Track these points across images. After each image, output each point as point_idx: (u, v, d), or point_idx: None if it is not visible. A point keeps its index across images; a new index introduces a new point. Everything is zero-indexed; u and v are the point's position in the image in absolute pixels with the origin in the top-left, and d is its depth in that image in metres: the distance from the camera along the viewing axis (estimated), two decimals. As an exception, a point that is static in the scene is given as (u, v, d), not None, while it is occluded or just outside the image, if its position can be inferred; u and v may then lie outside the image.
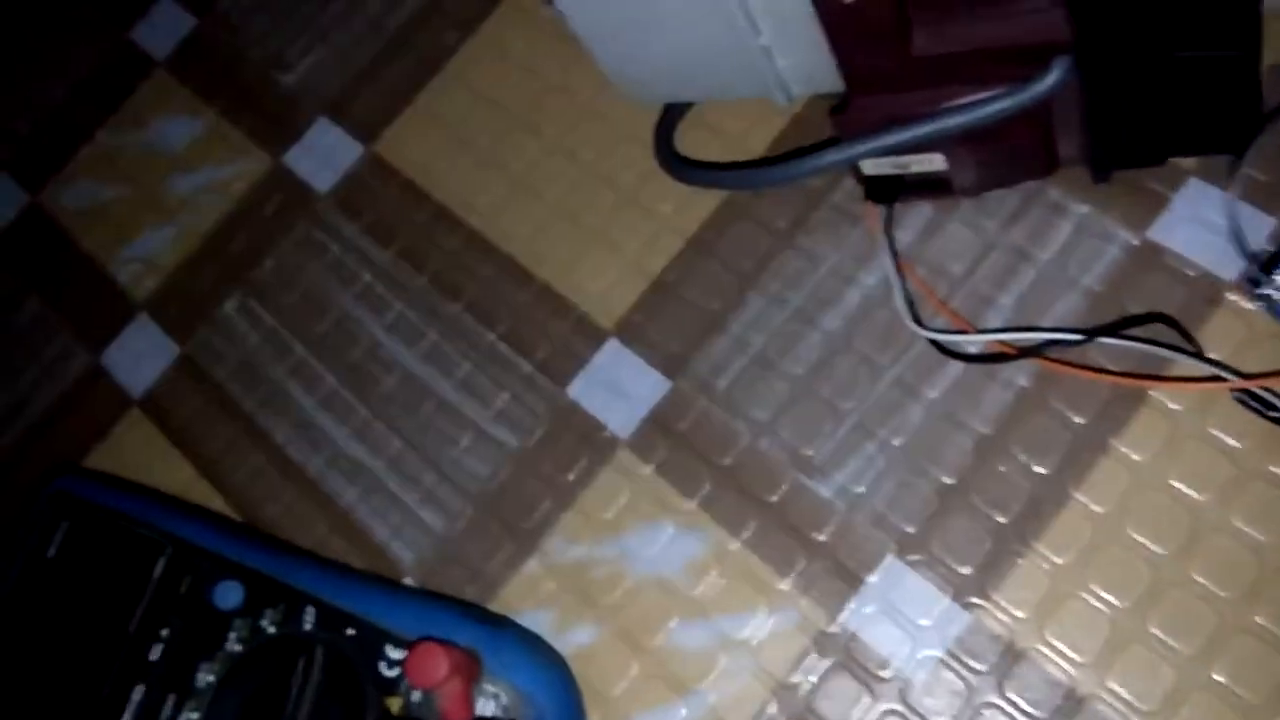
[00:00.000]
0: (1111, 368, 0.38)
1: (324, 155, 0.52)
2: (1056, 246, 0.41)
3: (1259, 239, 0.39)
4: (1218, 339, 0.38)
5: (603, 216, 0.47)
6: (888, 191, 0.42)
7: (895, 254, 0.41)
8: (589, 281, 0.46)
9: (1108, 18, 0.31)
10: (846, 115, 0.38)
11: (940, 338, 0.39)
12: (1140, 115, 0.36)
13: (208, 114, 0.55)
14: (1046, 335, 0.37)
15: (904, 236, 0.43)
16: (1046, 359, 0.37)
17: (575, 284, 0.46)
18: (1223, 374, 0.35)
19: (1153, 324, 0.38)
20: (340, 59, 0.54)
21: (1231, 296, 0.38)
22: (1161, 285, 0.39)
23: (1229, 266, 0.39)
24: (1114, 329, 0.38)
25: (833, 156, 0.37)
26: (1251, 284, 0.38)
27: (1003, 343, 0.38)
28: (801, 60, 0.37)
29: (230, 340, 0.49)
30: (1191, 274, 0.39)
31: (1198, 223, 0.39)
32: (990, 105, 0.35)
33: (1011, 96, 0.35)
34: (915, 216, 0.43)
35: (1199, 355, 0.37)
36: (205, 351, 0.49)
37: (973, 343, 0.40)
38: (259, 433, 0.47)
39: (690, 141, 0.46)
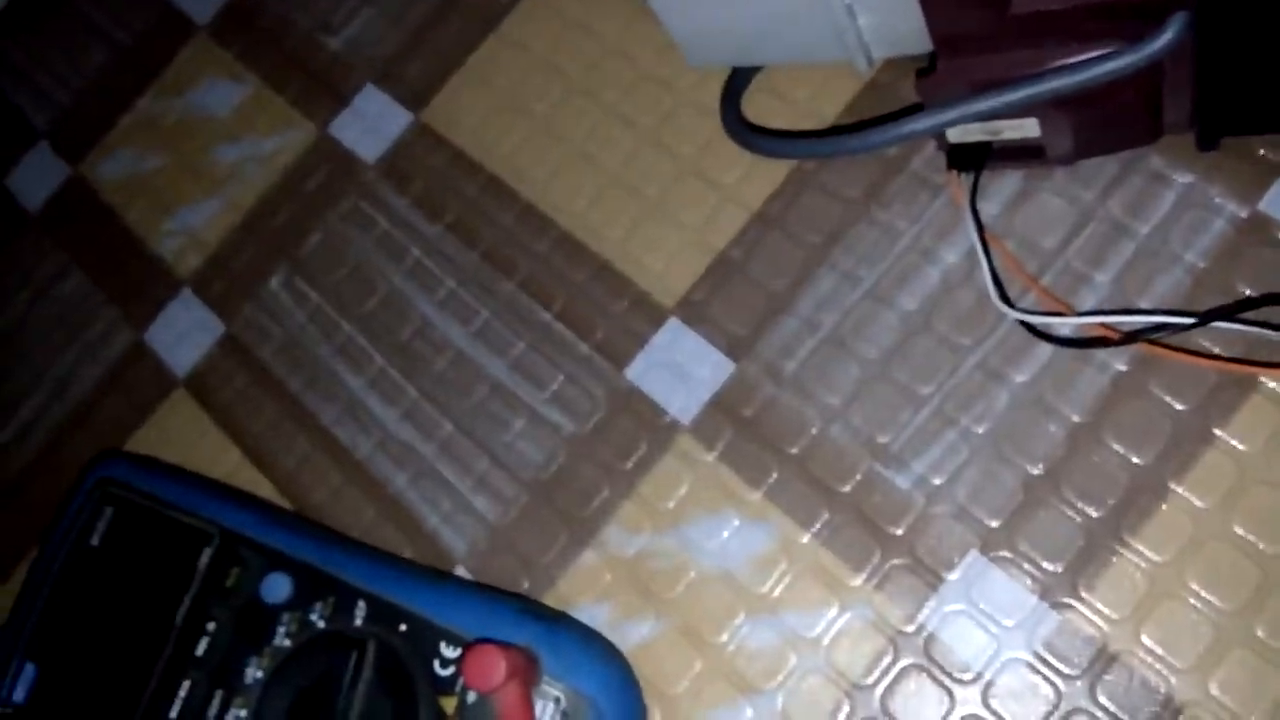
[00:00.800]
0: (1220, 353, 0.35)
1: (371, 123, 0.50)
2: (1158, 219, 0.38)
3: (1385, 211, 0.35)
4: (1339, 321, 0.35)
5: (663, 188, 0.44)
6: (973, 159, 0.39)
7: (980, 227, 0.38)
8: (648, 257, 0.43)
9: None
10: (934, 79, 0.35)
11: (1032, 319, 0.36)
12: (1259, 77, 0.33)
13: (251, 80, 0.53)
14: (1153, 318, 0.34)
15: (989, 208, 0.40)
16: (1152, 343, 0.34)
17: (634, 260, 0.43)
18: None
19: (1268, 306, 0.35)
20: (388, 21, 0.51)
21: (1354, 273, 0.35)
22: (1273, 262, 0.36)
23: (1351, 241, 0.35)
24: (1226, 312, 0.35)
25: (921, 123, 0.34)
26: (1378, 261, 0.35)
27: (1104, 325, 0.35)
28: (886, 19, 0.34)
29: (276, 318, 0.48)
30: (1309, 248, 0.36)
31: (1315, 193, 0.36)
32: (1097, 67, 0.32)
33: (1122, 57, 0.31)
34: (1002, 186, 0.40)
35: None
36: (250, 329, 0.48)
37: (1068, 325, 0.37)
38: (306, 414, 0.46)
39: (756, 108, 0.43)
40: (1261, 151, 0.37)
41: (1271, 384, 0.35)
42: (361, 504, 0.43)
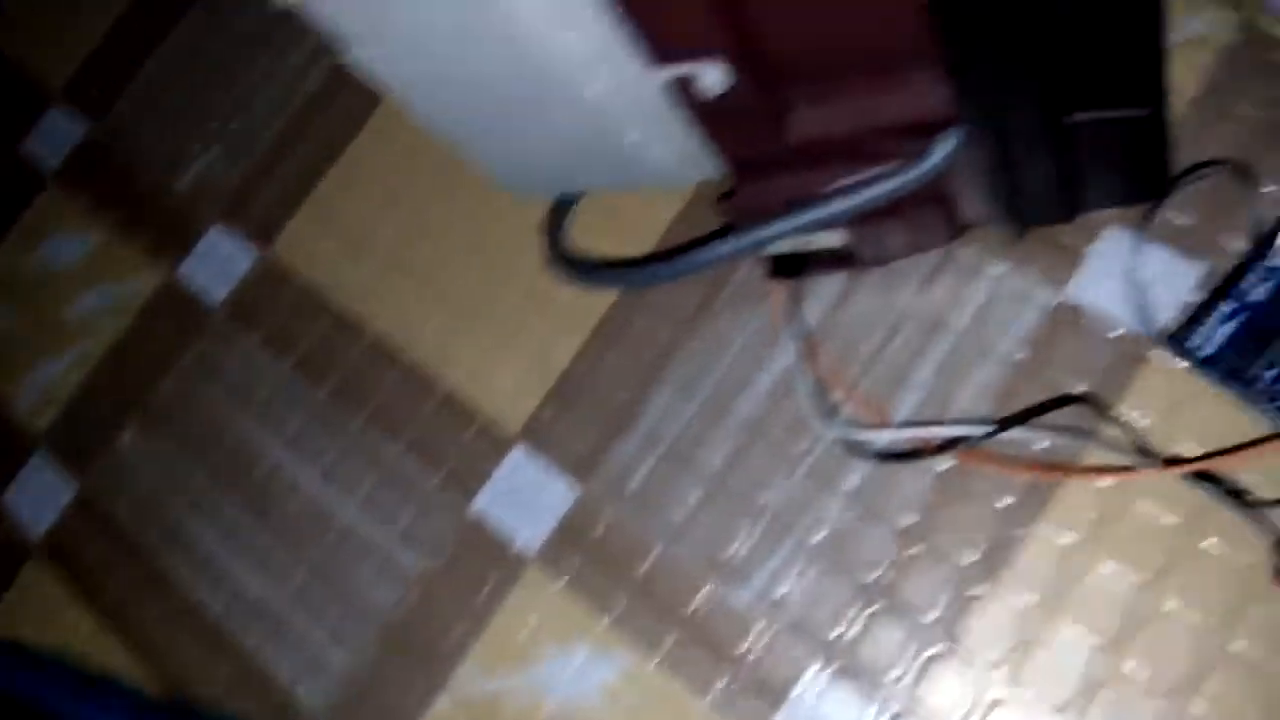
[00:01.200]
0: (1034, 448, 0.35)
1: (219, 264, 0.50)
2: (972, 312, 0.38)
3: (1183, 289, 0.36)
4: (1143, 403, 0.35)
5: (508, 312, 0.44)
6: (791, 268, 0.39)
7: (800, 339, 0.38)
8: (494, 382, 0.43)
9: (992, 88, 0.29)
10: (734, 201, 0.36)
11: (848, 435, 0.37)
12: (1043, 176, 0.33)
13: (101, 228, 0.53)
14: (954, 431, 0.35)
15: (814, 310, 0.40)
16: (962, 453, 0.35)
17: (481, 387, 0.43)
18: (1137, 462, 0.32)
19: (1070, 406, 0.35)
20: (234, 156, 0.52)
21: (1156, 354, 0.35)
22: (1083, 347, 0.36)
23: (1154, 320, 0.36)
24: (1029, 415, 0.35)
25: (716, 251, 0.35)
26: (1175, 341, 0.35)
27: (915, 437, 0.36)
28: (679, 150, 0.34)
29: (129, 474, 0.47)
30: (1113, 334, 0.36)
31: (1117, 277, 0.37)
32: (877, 187, 0.32)
33: (899, 176, 0.32)
34: (826, 288, 0.40)
35: (1110, 444, 0.34)
36: (104, 488, 0.47)
37: (883, 438, 0.37)
38: (160, 575, 0.45)
39: (586, 228, 0.43)
40: (1067, 239, 0.38)
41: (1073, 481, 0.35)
42: (216, 666, 0.43)
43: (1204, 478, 0.33)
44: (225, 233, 0.50)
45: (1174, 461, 0.33)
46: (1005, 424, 0.34)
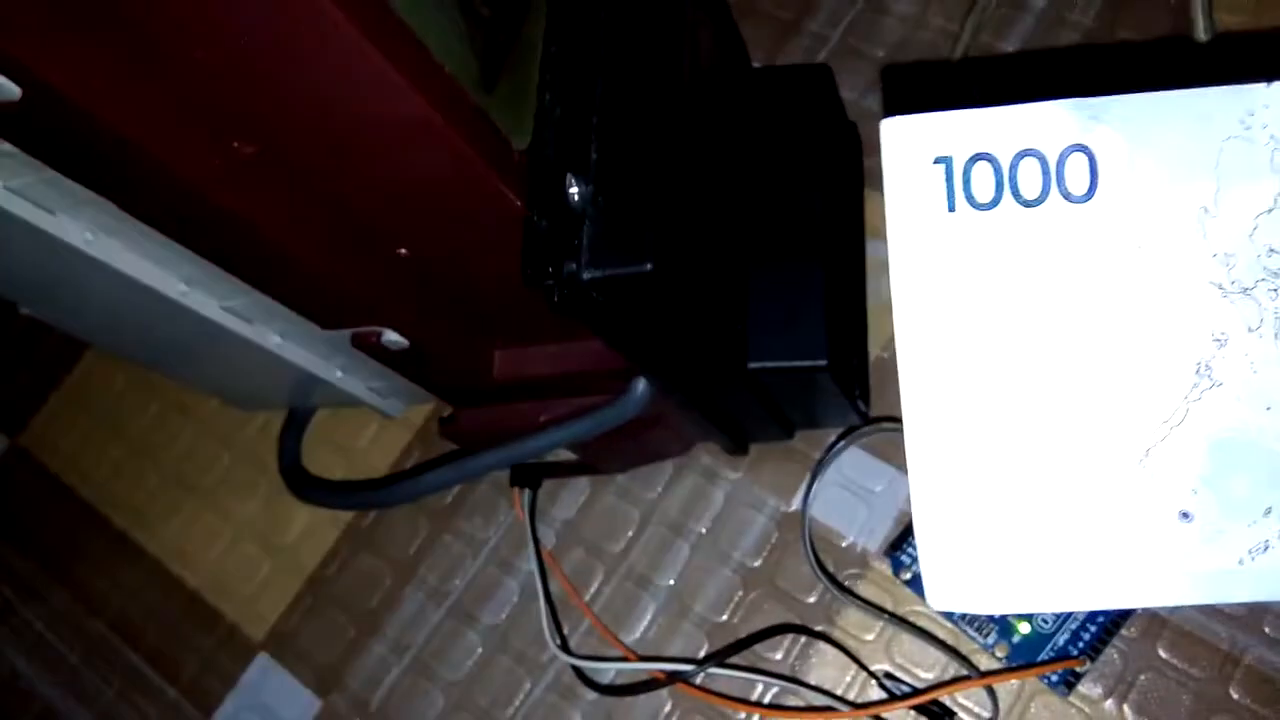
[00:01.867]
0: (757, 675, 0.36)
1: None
2: (710, 517, 0.39)
3: (899, 500, 0.37)
4: (861, 621, 0.36)
5: (257, 506, 0.43)
6: (529, 478, 0.40)
7: (539, 553, 0.38)
8: (241, 584, 0.42)
9: (659, 350, 0.30)
10: (454, 427, 0.36)
11: (582, 664, 0.37)
12: (743, 408, 0.35)
13: None
14: (670, 665, 0.35)
15: (562, 512, 0.40)
16: (686, 685, 0.35)
17: (226, 588, 0.42)
18: (835, 705, 0.33)
19: (781, 635, 0.36)
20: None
21: (877, 565, 0.37)
22: (795, 559, 0.37)
23: (874, 534, 0.37)
24: (742, 646, 0.36)
25: (434, 480, 0.35)
26: (890, 556, 0.36)
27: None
28: (391, 383, 0.35)
29: None
30: (840, 544, 0.37)
31: (840, 485, 0.38)
32: (586, 422, 0.33)
33: (600, 415, 0.33)
34: (572, 491, 0.41)
35: (812, 686, 0.35)
36: None
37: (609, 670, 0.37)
38: (-116, 790, 0.42)
39: (319, 460, 0.43)
40: (795, 448, 0.39)
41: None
42: None
43: (914, 707, 0.34)
44: (-25, 419, 0.48)
45: (874, 703, 0.34)
46: (706, 661, 0.35)
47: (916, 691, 0.34)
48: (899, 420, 0.24)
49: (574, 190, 0.25)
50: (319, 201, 0.24)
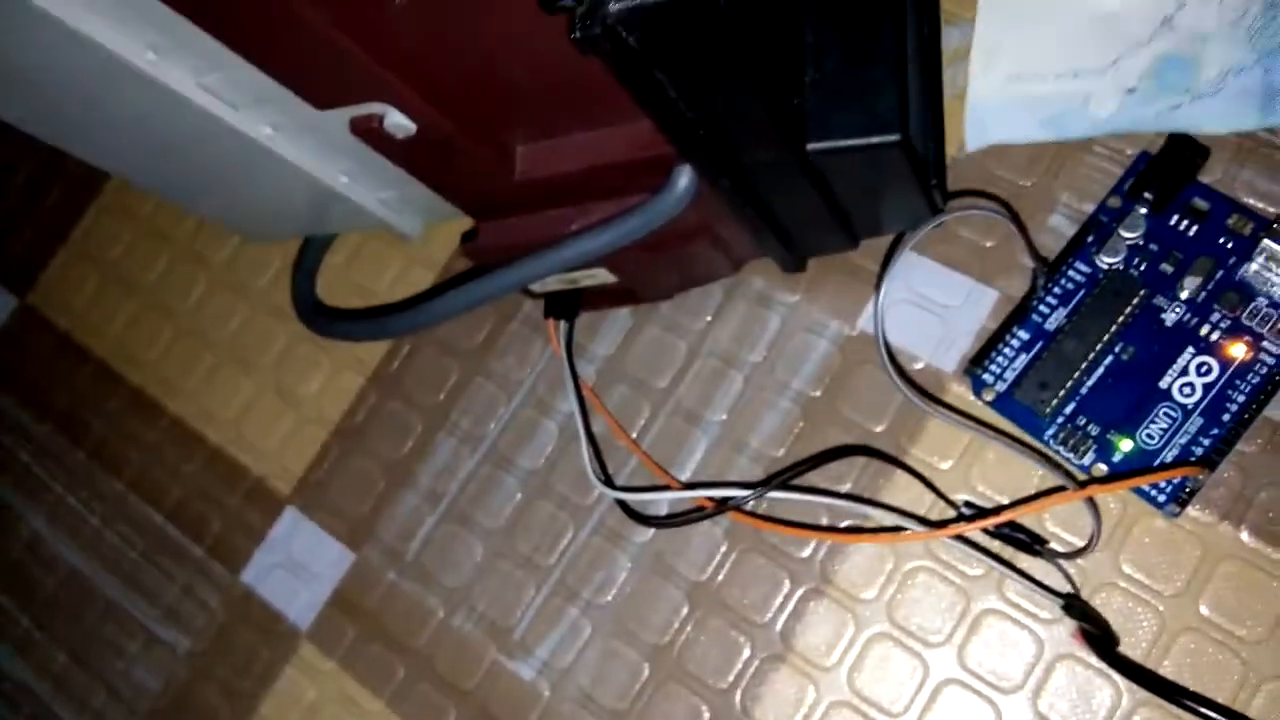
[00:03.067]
0: (822, 500, 0.32)
1: (-25, 315, 0.45)
2: (764, 346, 0.35)
3: (980, 316, 0.33)
4: (938, 445, 0.32)
5: (276, 358, 0.40)
6: (565, 308, 0.36)
7: (578, 385, 0.35)
8: (263, 438, 0.40)
9: (710, 130, 0.25)
10: (476, 244, 0.32)
11: (628, 498, 0.34)
12: (801, 206, 0.30)
13: None
14: (723, 491, 0.32)
15: (600, 348, 0.37)
16: (742, 513, 0.32)
17: (249, 443, 0.40)
18: (906, 524, 0.30)
19: (848, 458, 0.32)
20: (-11, 193, 0.47)
21: (954, 388, 0.33)
22: (879, 383, 0.34)
23: (950, 351, 0.33)
24: (803, 469, 0.32)
25: (452, 303, 0.31)
26: (970, 374, 0.32)
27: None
28: (404, 193, 0.31)
29: (-122, 548, 0.43)
30: (914, 365, 0.34)
31: (912, 302, 0.34)
32: (619, 226, 0.29)
33: (637, 214, 0.29)
34: (612, 323, 0.37)
35: (885, 505, 0.32)
36: None
37: (664, 501, 0.34)
38: (-86, 658, 0.41)
39: (357, 275, 0.40)
40: (856, 264, 0.35)
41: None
42: (-28, 761, 0.39)
43: (997, 530, 0.30)
44: (-18, 278, 0.46)
45: (953, 521, 0.30)
46: (767, 484, 0.31)
47: (1000, 509, 0.30)
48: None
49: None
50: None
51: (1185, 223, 0.31)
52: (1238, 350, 0.30)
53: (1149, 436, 0.31)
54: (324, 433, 0.39)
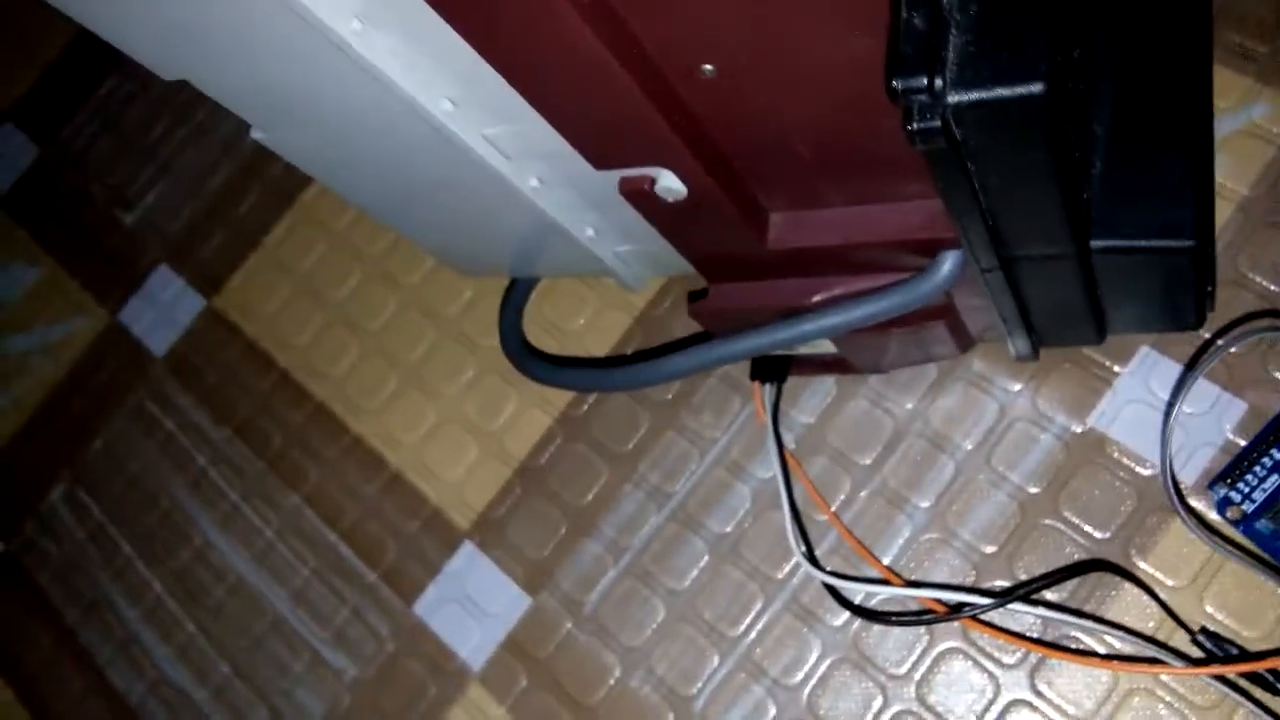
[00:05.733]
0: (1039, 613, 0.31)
1: (163, 311, 0.46)
2: (981, 432, 0.34)
3: (1224, 430, 0.31)
4: (1170, 563, 0.30)
5: (463, 388, 0.40)
6: (775, 371, 0.35)
7: (782, 452, 0.34)
8: (446, 468, 0.39)
9: (1008, 210, 0.24)
10: (705, 304, 0.31)
11: (840, 585, 0.32)
12: (1063, 299, 0.29)
13: (46, 261, 0.49)
14: (955, 596, 0.30)
15: (802, 417, 0.36)
16: (974, 621, 0.30)
17: (430, 471, 0.39)
18: (1163, 656, 0.28)
19: (1091, 573, 0.31)
20: (186, 193, 0.48)
21: (1194, 504, 0.31)
22: (1105, 487, 0.32)
23: (1188, 465, 0.31)
24: (1045, 583, 0.30)
25: (679, 365, 0.30)
26: (1213, 491, 0.30)
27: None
28: (643, 246, 0.30)
29: (56, 537, 0.43)
30: (1143, 472, 0.32)
31: (1149, 405, 0.32)
32: (871, 305, 0.28)
33: (898, 295, 0.27)
34: (816, 391, 0.36)
35: (1135, 632, 0.30)
36: (30, 550, 0.43)
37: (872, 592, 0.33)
38: (81, 650, 0.41)
39: (550, 313, 0.39)
40: (1095, 355, 0.33)
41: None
42: (130, 762, 0.39)
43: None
44: (172, 276, 0.46)
45: (1213, 660, 0.28)
46: (1008, 596, 0.29)
47: (1265, 655, 0.28)
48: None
49: (943, -12, 0.20)
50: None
51: None
52: None
53: None
54: (507, 470, 0.38)
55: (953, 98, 0.20)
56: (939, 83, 0.20)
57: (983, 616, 0.30)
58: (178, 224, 0.47)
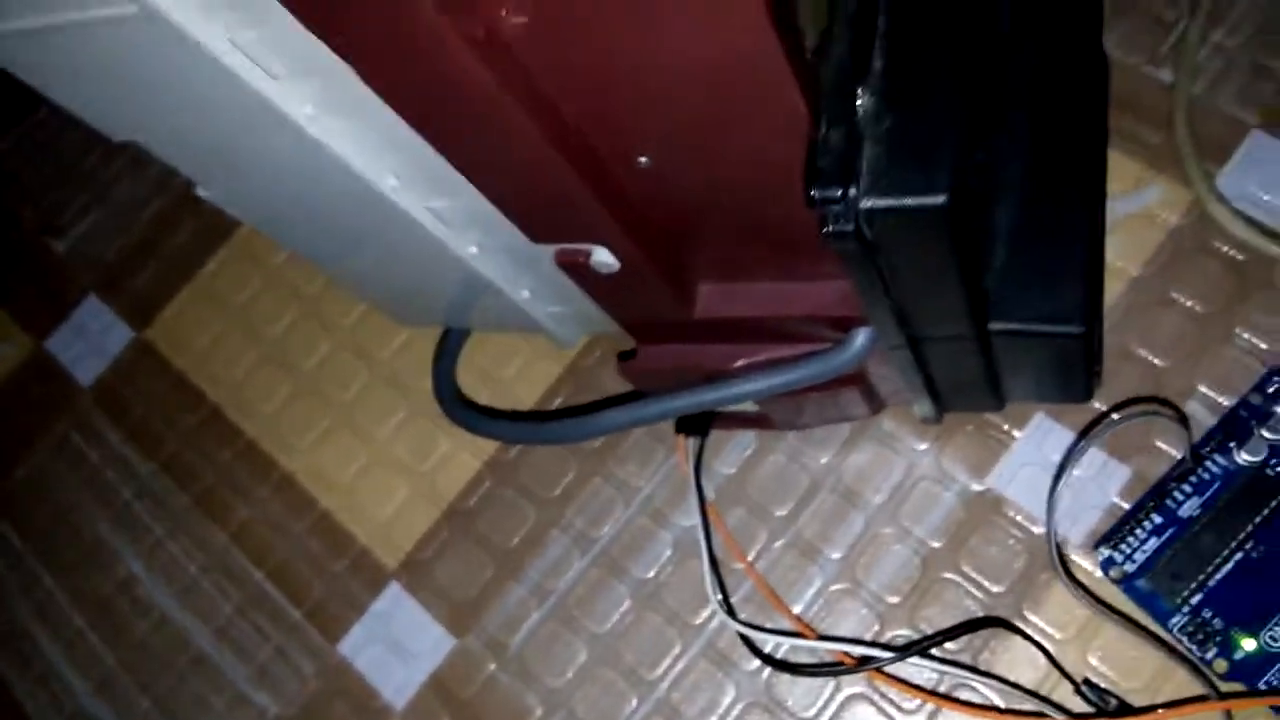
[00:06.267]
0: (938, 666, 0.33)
1: (92, 340, 0.46)
2: (888, 489, 0.36)
3: (1111, 493, 0.34)
4: (1057, 618, 0.33)
5: (394, 429, 0.41)
6: (699, 425, 0.37)
7: (704, 506, 0.35)
8: (375, 508, 0.40)
9: (913, 298, 0.26)
10: (634, 364, 0.33)
11: (753, 635, 0.34)
12: (963, 373, 0.31)
13: (-29, 284, 0.48)
14: (860, 649, 0.32)
15: (723, 468, 0.37)
16: (879, 673, 0.32)
17: (359, 510, 0.40)
18: (1047, 711, 0.30)
19: (985, 629, 0.33)
20: (118, 223, 0.48)
21: (1080, 562, 0.33)
22: (1000, 543, 0.34)
23: (1076, 526, 0.34)
24: (943, 637, 0.32)
25: (609, 421, 0.32)
26: (1098, 550, 0.33)
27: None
28: (576, 309, 0.32)
29: (-29, 566, 0.43)
30: (1035, 530, 0.34)
31: (1043, 468, 0.34)
32: (790, 373, 0.30)
33: (809, 366, 0.29)
34: (736, 445, 0.37)
35: (1021, 687, 0.32)
36: (-57, 579, 0.43)
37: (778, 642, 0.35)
38: (-4, 682, 0.41)
39: (482, 361, 0.40)
40: (992, 423, 0.35)
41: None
42: (44, 799, 0.39)
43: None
44: (102, 307, 0.46)
45: (1100, 714, 0.30)
46: (907, 650, 0.31)
47: (1144, 710, 0.30)
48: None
49: (860, 102, 0.22)
50: (577, 87, 0.21)
51: (1331, 432, 0.32)
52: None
53: (1272, 639, 0.31)
54: (436, 511, 0.39)
55: (865, 204, 0.22)
56: (853, 192, 0.22)
57: (886, 669, 0.32)
58: (109, 253, 0.47)
